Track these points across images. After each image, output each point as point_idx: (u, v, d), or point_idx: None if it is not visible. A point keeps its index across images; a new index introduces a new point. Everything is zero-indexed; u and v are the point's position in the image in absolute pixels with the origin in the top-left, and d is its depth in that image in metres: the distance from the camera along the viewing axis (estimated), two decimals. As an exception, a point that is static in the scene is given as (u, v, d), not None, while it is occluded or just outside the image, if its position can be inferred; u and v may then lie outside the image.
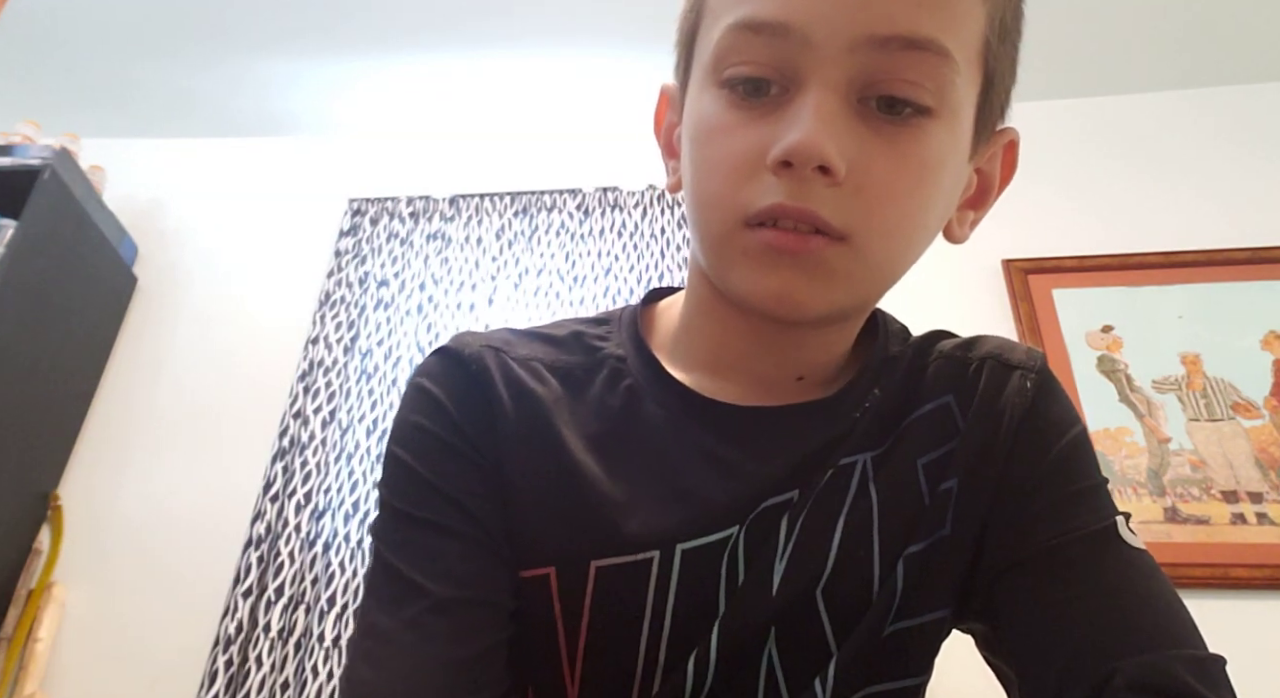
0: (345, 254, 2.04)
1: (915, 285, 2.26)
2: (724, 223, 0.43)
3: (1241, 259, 1.81)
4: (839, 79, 0.41)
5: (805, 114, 0.40)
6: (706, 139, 0.44)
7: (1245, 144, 2.00)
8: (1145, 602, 0.41)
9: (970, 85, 0.44)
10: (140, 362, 1.99)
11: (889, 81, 0.41)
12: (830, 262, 0.42)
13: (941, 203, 0.45)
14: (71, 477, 1.84)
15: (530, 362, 0.51)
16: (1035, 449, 0.47)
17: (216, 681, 1.51)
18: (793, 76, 0.41)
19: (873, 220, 0.42)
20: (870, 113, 0.41)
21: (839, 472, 0.48)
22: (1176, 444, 1.65)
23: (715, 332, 0.51)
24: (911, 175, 0.42)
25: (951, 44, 0.41)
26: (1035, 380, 0.50)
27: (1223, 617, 1.52)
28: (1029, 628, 0.42)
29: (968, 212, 0.51)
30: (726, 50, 0.43)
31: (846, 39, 0.40)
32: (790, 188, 0.41)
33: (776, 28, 0.41)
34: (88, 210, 1.93)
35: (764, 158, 0.41)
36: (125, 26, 2.01)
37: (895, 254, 0.44)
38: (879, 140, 0.41)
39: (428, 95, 2.17)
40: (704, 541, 0.45)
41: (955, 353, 0.52)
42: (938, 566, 0.46)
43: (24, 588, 1.68)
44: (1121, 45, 2.01)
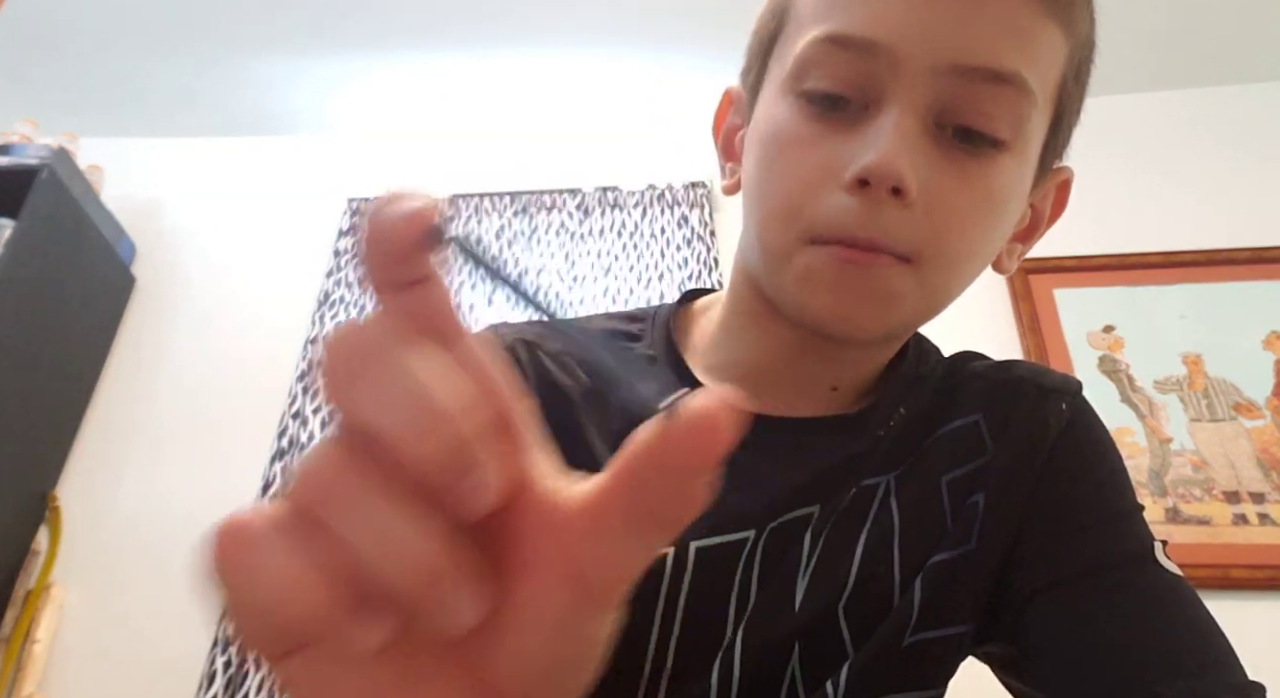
0: (345, 254, 2.03)
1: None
2: (787, 234, 0.43)
3: (1243, 259, 1.81)
4: (920, 102, 0.41)
5: (885, 133, 0.40)
6: (779, 148, 0.44)
7: (1247, 144, 2.00)
8: (1187, 627, 0.40)
9: (1043, 122, 0.44)
10: (139, 362, 1.99)
11: (968, 112, 0.41)
12: (893, 282, 0.42)
13: (1001, 234, 0.46)
14: (70, 477, 1.84)
15: (562, 356, 0.51)
16: (1073, 472, 0.47)
17: (215, 681, 1.51)
18: (874, 95, 0.41)
19: (938, 245, 0.42)
20: (945, 139, 0.42)
21: (861, 492, 0.47)
22: (1178, 444, 1.64)
23: (756, 339, 0.51)
24: (979, 205, 0.42)
25: (1033, 80, 0.41)
26: (1072, 404, 0.49)
27: (1224, 617, 1.50)
28: (1065, 650, 0.41)
29: (1016, 244, 0.51)
30: (809, 62, 0.43)
31: (932, 63, 0.40)
32: (862, 209, 0.41)
33: (864, 44, 0.41)
34: (86, 210, 1.92)
35: (836, 173, 0.41)
36: (124, 26, 2.01)
37: (954, 280, 0.45)
38: (952, 167, 0.41)
39: (427, 95, 2.17)
40: (718, 540, 0.45)
41: (988, 373, 0.52)
42: (961, 580, 0.45)
43: (22, 589, 1.67)
44: (1122, 45, 2.00)
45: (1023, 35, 0.41)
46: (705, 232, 1.95)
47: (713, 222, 1.99)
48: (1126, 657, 0.39)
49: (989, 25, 0.40)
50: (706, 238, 1.94)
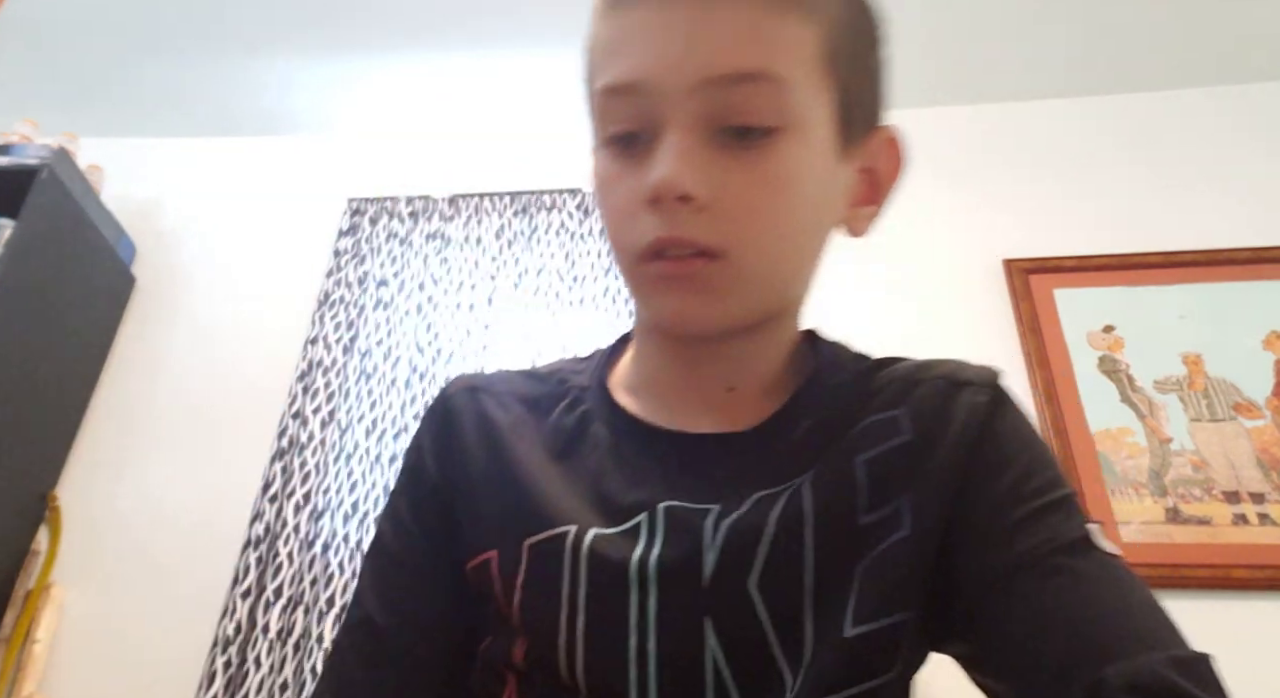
0: (344, 254, 2.03)
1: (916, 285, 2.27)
2: (627, 261, 0.50)
3: (1243, 259, 1.81)
4: (690, 119, 0.47)
5: (665, 155, 0.46)
6: (602, 192, 0.52)
7: (1247, 143, 2.00)
8: (1128, 607, 0.42)
9: (817, 98, 0.49)
10: (138, 362, 1.99)
11: (733, 113, 0.47)
12: (712, 278, 0.47)
13: (810, 206, 0.50)
14: (70, 477, 1.84)
15: (503, 396, 0.59)
16: (1000, 464, 0.49)
17: (215, 682, 1.51)
18: (654, 125, 0.48)
19: (741, 234, 0.47)
20: (727, 142, 0.47)
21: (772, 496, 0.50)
22: (1178, 444, 1.64)
23: (653, 354, 0.58)
24: (769, 189, 0.47)
25: (780, 68, 0.47)
26: (989, 394, 0.52)
27: (1224, 618, 1.51)
28: (1015, 641, 0.43)
29: (862, 208, 0.55)
30: (601, 113, 0.51)
31: (686, 85, 0.46)
32: (664, 220, 0.47)
33: (629, 87, 0.48)
34: (86, 210, 1.92)
35: (640, 199, 0.47)
36: (124, 26, 2.01)
37: (776, 260, 0.50)
38: (737, 164, 0.47)
39: (427, 95, 2.17)
40: (612, 522, 0.50)
41: (906, 374, 0.55)
42: (899, 567, 0.47)
43: (22, 589, 1.67)
44: (1122, 45, 2.00)
45: (756, 35, 0.47)
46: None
47: (713, 221, 1.99)
48: (1071, 643, 0.41)
49: (721, 37, 0.46)
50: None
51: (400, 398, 1.82)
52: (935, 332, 1.84)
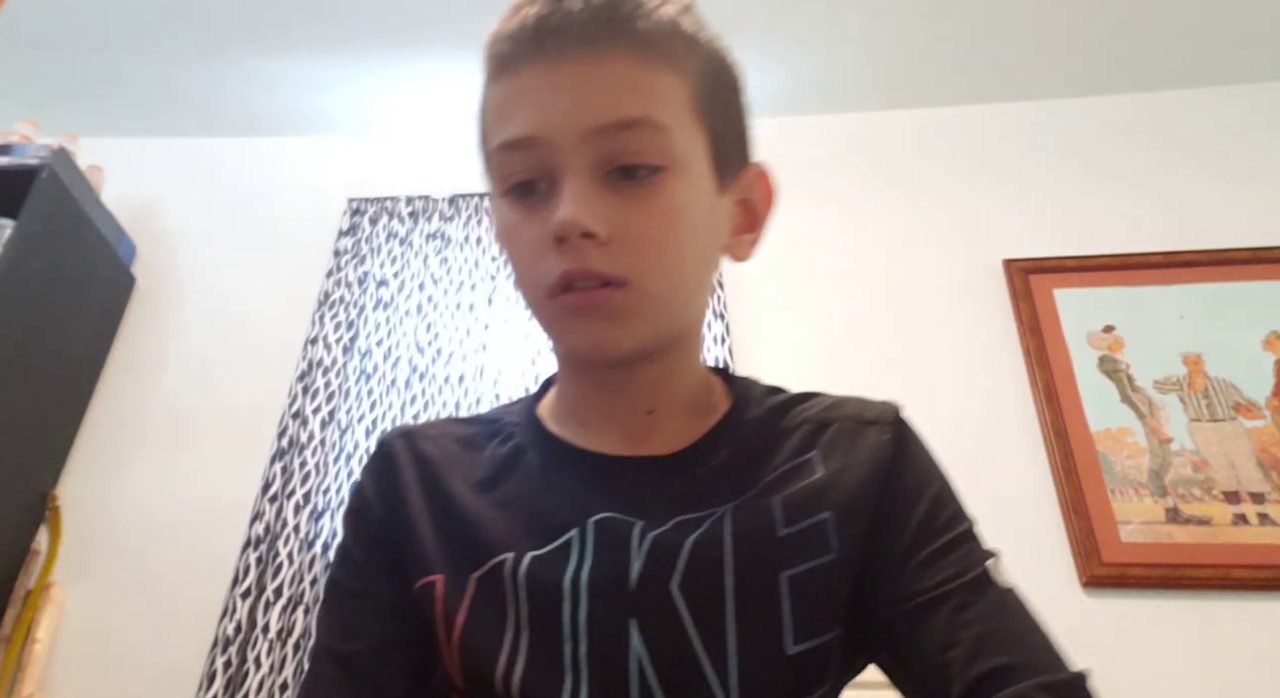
0: (344, 254, 2.03)
1: (917, 286, 2.26)
2: (536, 298, 0.55)
3: (1243, 259, 1.81)
4: (583, 165, 0.52)
5: (564, 198, 0.51)
6: (509, 238, 0.56)
7: (1247, 143, 2.00)
8: (1012, 639, 0.48)
9: (694, 139, 0.55)
10: (139, 362, 1.99)
11: (620, 155, 0.52)
12: (621, 304, 0.52)
13: (699, 235, 0.56)
14: (70, 477, 1.84)
15: (438, 438, 0.63)
16: (907, 500, 0.54)
17: (215, 681, 1.51)
18: (551, 173, 0.52)
19: (642, 262, 0.52)
20: (617, 183, 0.52)
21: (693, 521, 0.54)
22: (1178, 445, 1.64)
23: (573, 387, 0.62)
24: (661, 221, 0.53)
25: (658, 115, 0.52)
26: (892, 431, 0.57)
27: (1224, 618, 1.52)
28: (919, 668, 0.49)
29: (743, 236, 0.62)
30: (501, 167, 0.55)
31: (577, 135, 0.51)
32: (570, 256, 0.51)
33: (526, 141, 0.53)
34: (86, 210, 1.92)
35: (546, 240, 0.52)
36: (124, 26, 2.01)
37: (674, 285, 0.54)
38: (629, 202, 0.52)
39: (428, 94, 2.17)
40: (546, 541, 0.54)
41: (817, 416, 0.60)
42: (827, 587, 0.51)
43: (22, 588, 1.67)
44: (1124, 45, 2.00)
45: (634, 87, 0.53)
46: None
47: (713, 221, 1.99)
48: (958, 674, 0.46)
49: (603, 91, 0.52)
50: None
51: (400, 398, 1.82)
52: (935, 332, 1.84)
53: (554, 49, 0.53)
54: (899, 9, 1.93)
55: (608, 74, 0.52)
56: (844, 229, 2.01)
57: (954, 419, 1.73)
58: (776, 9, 1.93)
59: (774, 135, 2.17)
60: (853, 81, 2.14)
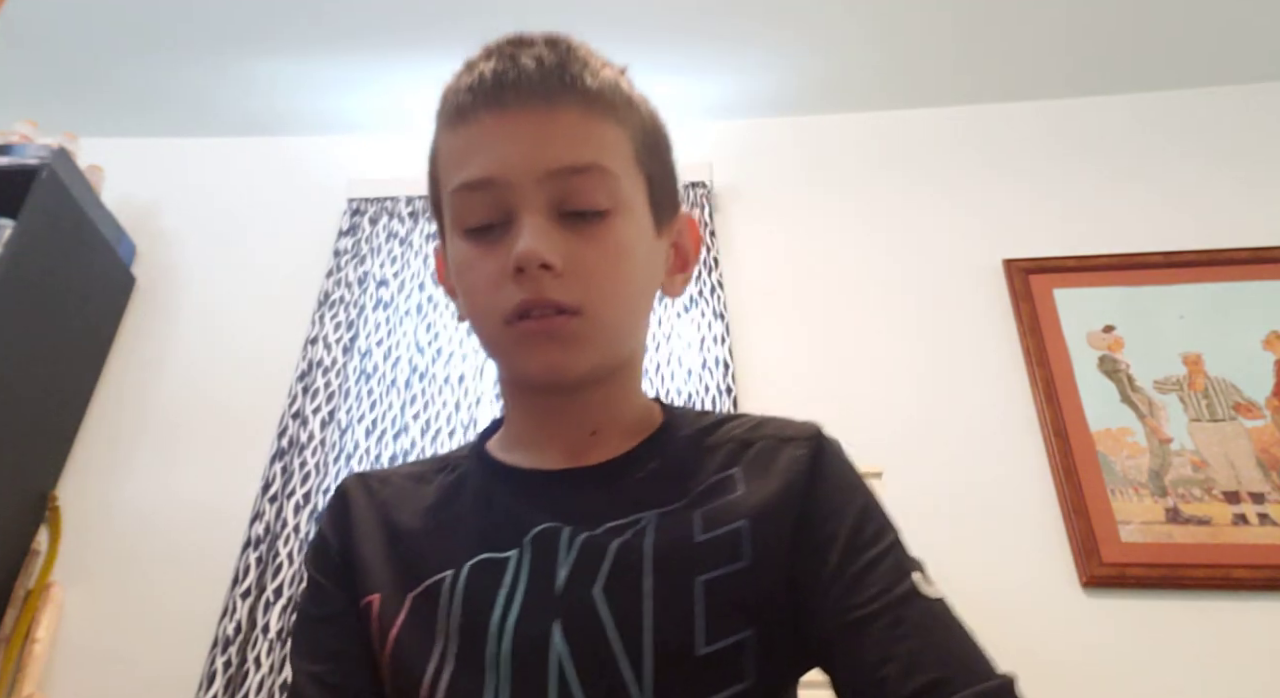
0: (344, 254, 2.03)
1: (917, 286, 2.26)
2: (493, 325, 0.58)
3: (1243, 259, 1.81)
4: (539, 205, 0.56)
5: (524, 233, 0.55)
6: (467, 274, 0.60)
7: (1246, 144, 2.00)
8: (944, 652, 0.50)
9: (635, 186, 0.61)
10: (139, 362, 1.99)
11: (574, 198, 0.57)
12: (575, 331, 0.56)
13: (642, 271, 0.61)
14: (70, 477, 1.84)
15: (390, 477, 0.68)
16: (830, 515, 0.56)
17: (215, 682, 1.51)
18: (508, 212, 0.57)
19: (594, 293, 0.56)
20: (569, 222, 0.57)
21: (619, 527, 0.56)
22: (1178, 445, 1.65)
23: (521, 412, 0.66)
24: (610, 256, 0.58)
25: (607, 162, 0.58)
26: (808, 447, 0.60)
27: (1224, 618, 1.51)
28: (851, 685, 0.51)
29: (677, 275, 0.68)
30: (459, 208, 0.59)
31: (534, 177, 0.56)
32: (528, 286, 0.55)
33: (485, 182, 0.57)
34: (86, 210, 1.92)
35: (505, 272, 0.56)
36: (124, 26, 2.01)
37: (622, 315, 0.59)
38: (581, 239, 0.57)
39: (429, 94, 2.16)
40: (486, 556, 0.57)
41: (741, 435, 0.63)
42: (738, 592, 0.53)
43: (22, 588, 1.67)
44: (1123, 46, 2.00)
45: (586, 137, 0.58)
46: (705, 232, 1.95)
47: (712, 222, 1.99)
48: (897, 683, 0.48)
49: (559, 139, 0.57)
50: (707, 238, 1.94)
51: (400, 398, 1.82)
52: (935, 332, 1.84)
53: (510, 100, 0.58)
54: (899, 10, 1.93)
55: (560, 124, 0.58)
56: (843, 229, 2.01)
57: (954, 420, 1.73)
58: (778, 8, 1.93)
59: (775, 135, 2.19)
60: (853, 82, 2.14)
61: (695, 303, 1.87)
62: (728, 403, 1.71)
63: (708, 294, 1.87)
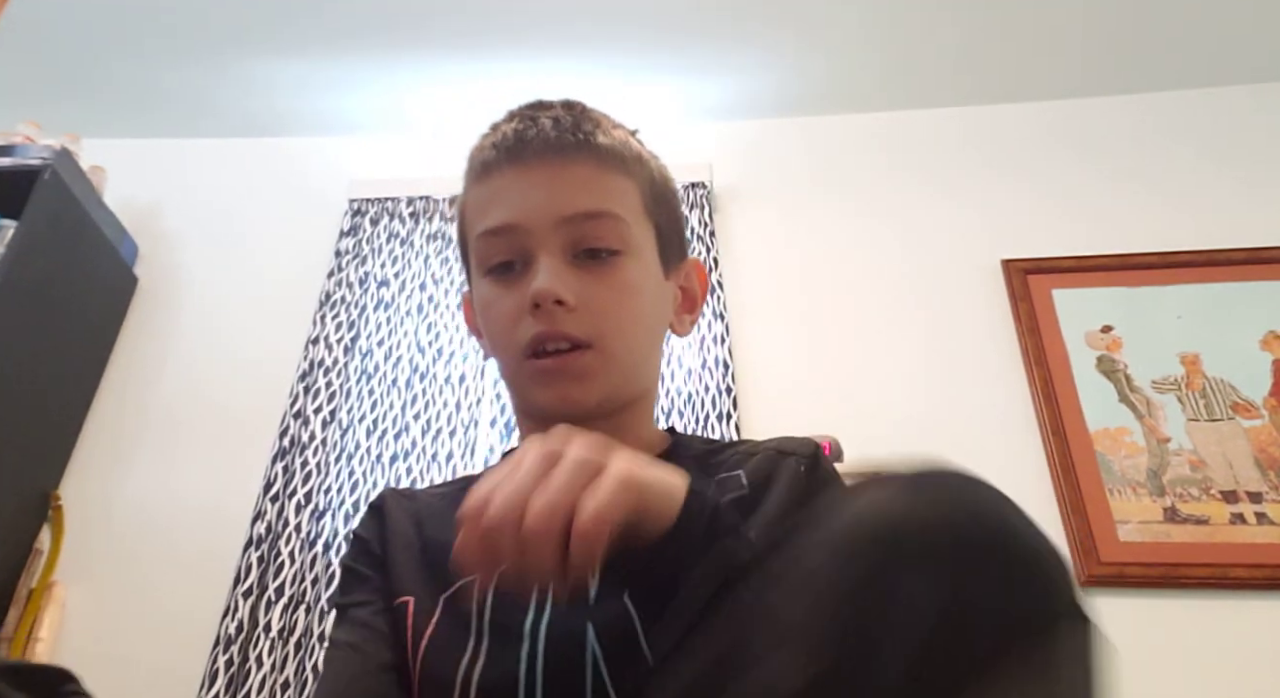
0: (345, 254, 2.04)
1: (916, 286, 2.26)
2: (512, 358, 0.64)
3: (1241, 259, 1.81)
4: (555, 247, 0.63)
5: (540, 272, 0.61)
6: (487, 311, 0.66)
7: (1243, 145, 2.00)
8: None
9: (645, 231, 0.67)
10: (141, 362, 1.99)
11: (587, 240, 0.63)
12: (588, 364, 0.62)
13: (651, 310, 0.67)
14: (72, 476, 1.84)
15: (416, 496, 0.73)
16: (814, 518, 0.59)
17: (217, 681, 1.51)
18: (527, 254, 0.63)
19: (605, 328, 0.62)
20: (583, 263, 0.63)
21: None
22: (1176, 444, 1.65)
23: None
24: (620, 294, 0.64)
25: (617, 208, 0.65)
26: (807, 462, 0.65)
27: (1222, 617, 1.52)
28: None
29: (684, 315, 0.74)
30: (483, 251, 0.66)
31: (550, 223, 0.63)
32: (544, 320, 0.61)
33: (507, 228, 0.64)
34: (88, 211, 1.93)
35: (523, 308, 0.61)
36: (126, 27, 2.02)
37: (632, 349, 0.65)
38: (593, 278, 0.63)
39: (429, 95, 2.17)
40: None
41: (746, 448, 0.68)
42: None
43: (25, 588, 1.68)
44: (1122, 47, 2.01)
45: (598, 186, 0.65)
46: (705, 232, 1.96)
47: (713, 222, 1.99)
48: None
49: (572, 188, 0.64)
50: (707, 238, 1.95)
51: (401, 398, 1.82)
52: (934, 332, 1.84)
53: (529, 156, 0.65)
54: (899, 10, 1.93)
55: (574, 175, 0.65)
56: (843, 229, 2.02)
57: (953, 419, 1.74)
58: (779, 9, 1.93)
59: (775, 136, 2.19)
60: (853, 82, 2.14)
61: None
62: (727, 403, 1.72)
63: (708, 294, 1.88)
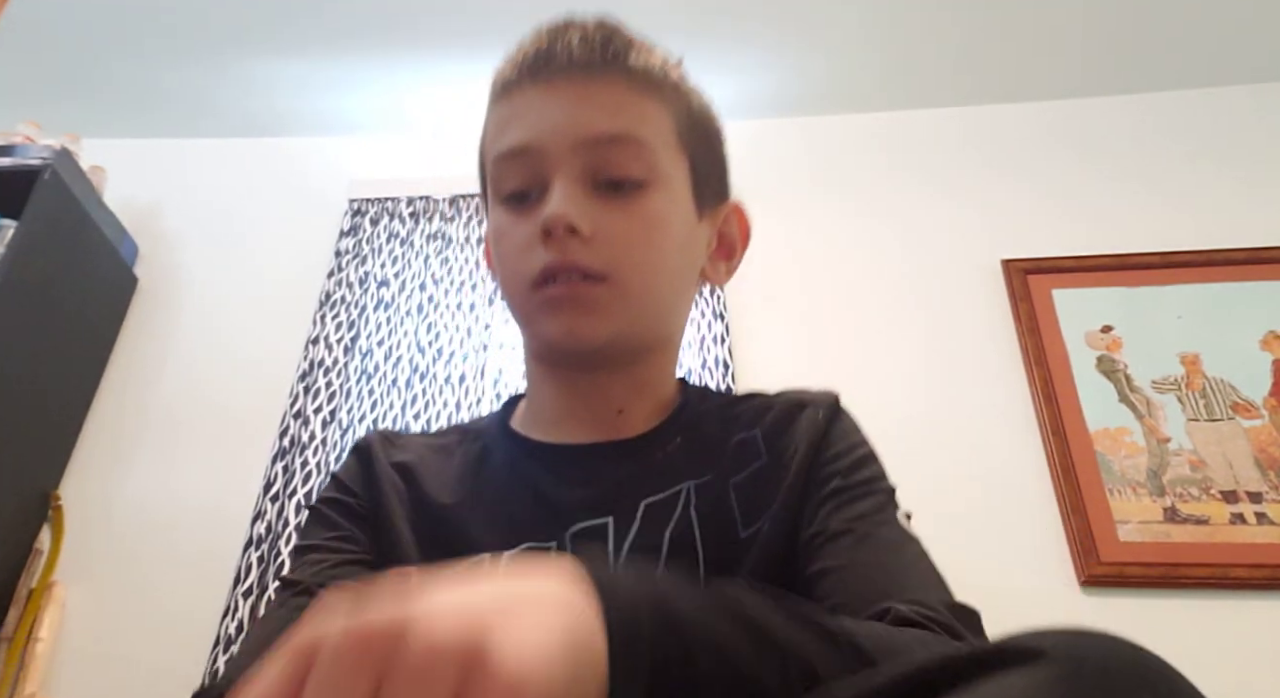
0: (345, 254, 2.04)
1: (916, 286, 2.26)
2: (520, 289, 0.59)
3: (1241, 259, 1.81)
4: (572, 173, 0.57)
5: (554, 197, 0.56)
6: (501, 239, 0.61)
7: (1245, 144, 2.00)
8: (912, 567, 0.52)
9: (676, 163, 0.61)
10: (141, 362, 1.99)
11: (608, 167, 0.58)
12: (599, 297, 0.57)
13: (677, 249, 0.61)
14: (72, 477, 1.84)
15: (408, 445, 0.67)
16: (833, 459, 0.59)
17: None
18: (543, 181, 0.58)
19: (622, 261, 0.57)
20: (603, 193, 0.58)
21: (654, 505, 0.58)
22: (1176, 444, 1.65)
23: (545, 386, 0.65)
24: (642, 227, 0.58)
25: (644, 133, 0.59)
26: (827, 411, 0.62)
27: (1222, 617, 1.52)
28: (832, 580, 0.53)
29: (720, 262, 0.68)
30: (497, 176, 0.61)
31: (568, 145, 0.57)
32: (555, 249, 0.56)
33: (522, 150, 0.59)
34: (88, 211, 1.93)
35: (534, 236, 0.57)
36: (126, 27, 2.02)
37: (650, 286, 0.59)
38: (614, 208, 0.57)
39: (429, 95, 2.17)
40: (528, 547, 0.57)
41: (762, 401, 0.65)
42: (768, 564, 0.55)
43: (25, 588, 1.68)
44: (1121, 46, 2.01)
45: (625, 108, 0.59)
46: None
47: (712, 222, 1.99)
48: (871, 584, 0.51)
49: (597, 108, 0.58)
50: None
51: (401, 398, 1.82)
52: (934, 332, 1.84)
53: (553, 73, 0.59)
54: (899, 10, 1.93)
55: (599, 95, 0.59)
56: (842, 229, 2.02)
57: (953, 420, 1.74)
58: (779, 9, 1.93)
59: (775, 136, 2.19)
60: (852, 83, 2.14)
61: (695, 303, 1.87)
62: (727, 403, 1.72)
63: (708, 294, 1.88)
